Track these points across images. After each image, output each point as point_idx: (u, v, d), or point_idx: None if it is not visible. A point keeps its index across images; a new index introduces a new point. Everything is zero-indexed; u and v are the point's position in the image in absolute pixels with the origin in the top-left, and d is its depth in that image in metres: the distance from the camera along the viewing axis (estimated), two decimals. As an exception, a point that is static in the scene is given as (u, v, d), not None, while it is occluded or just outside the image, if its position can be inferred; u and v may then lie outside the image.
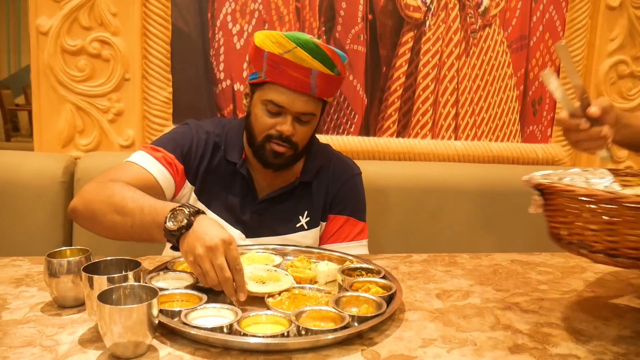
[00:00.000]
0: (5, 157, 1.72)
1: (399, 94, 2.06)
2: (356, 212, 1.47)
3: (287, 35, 1.25)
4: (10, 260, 1.21)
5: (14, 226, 1.64)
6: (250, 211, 1.40)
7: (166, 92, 1.91)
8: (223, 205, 1.39)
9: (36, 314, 0.94)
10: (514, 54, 2.13)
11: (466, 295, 1.12)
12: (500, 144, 2.16)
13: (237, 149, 1.40)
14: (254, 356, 0.82)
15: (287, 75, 1.26)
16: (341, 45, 1.99)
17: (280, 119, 1.30)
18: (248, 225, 1.39)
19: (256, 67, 1.31)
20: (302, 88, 1.27)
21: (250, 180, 1.40)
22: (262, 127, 1.32)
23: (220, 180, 1.40)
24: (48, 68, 1.81)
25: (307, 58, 1.24)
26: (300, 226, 1.43)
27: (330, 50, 1.26)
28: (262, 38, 1.28)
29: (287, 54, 1.24)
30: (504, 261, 1.38)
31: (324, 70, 1.26)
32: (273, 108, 1.29)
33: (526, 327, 0.97)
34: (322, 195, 1.45)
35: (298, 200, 1.43)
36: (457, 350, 0.88)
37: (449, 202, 1.92)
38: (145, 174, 1.27)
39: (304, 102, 1.29)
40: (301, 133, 1.33)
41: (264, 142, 1.32)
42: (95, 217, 1.18)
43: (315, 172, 1.45)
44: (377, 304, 0.96)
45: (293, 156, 1.35)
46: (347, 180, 1.48)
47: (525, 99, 2.17)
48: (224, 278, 0.97)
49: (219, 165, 1.40)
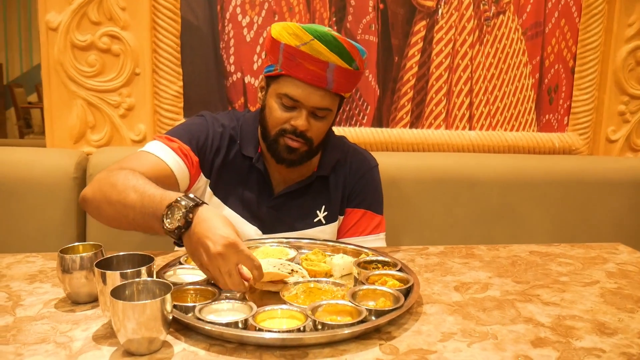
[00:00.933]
0: (18, 153, 1.72)
1: (411, 84, 2.03)
2: (373, 205, 1.45)
3: (304, 27, 1.22)
4: (24, 257, 1.21)
5: (28, 222, 1.64)
6: (267, 207, 1.38)
7: (177, 86, 1.90)
8: (239, 200, 1.37)
9: (50, 311, 0.93)
10: (529, 41, 2.08)
11: (485, 288, 1.10)
12: (516, 133, 2.12)
13: (253, 143, 1.38)
14: (270, 351, 0.81)
15: (303, 69, 1.22)
16: (352, 35, 1.97)
17: (295, 114, 1.27)
18: (265, 221, 1.37)
19: (272, 60, 1.28)
20: (318, 82, 1.23)
21: (266, 175, 1.37)
22: (277, 121, 1.29)
23: (236, 175, 1.37)
24: (58, 64, 1.81)
25: (324, 51, 1.20)
26: (318, 221, 1.40)
27: (348, 43, 1.22)
28: (278, 29, 1.25)
29: (303, 47, 1.21)
30: (523, 252, 1.35)
31: (342, 64, 1.22)
32: (288, 102, 1.26)
33: (548, 320, 0.95)
34: (339, 189, 1.42)
35: (315, 195, 1.41)
36: (477, 344, 0.85)
37: (464, 193, 1.89)
38: (160, 164, 1.23)
39: (319, 97, 1.25)
40: (316, 128, 1.30)
41: (278, 136, 1.29)
42: (100, 206, 1.13)
43: (332, 165, 1.42)
44: (395, 297, 0.94)
45: (307, 152, 1.32)
46: (365, 173, 1.45)
47: (540, 87, 2.13)
48: (233, 284, 0.92)
49: (235, 159, 1.37)
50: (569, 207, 1.96)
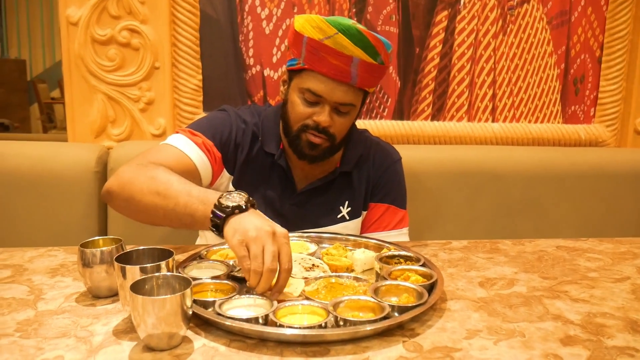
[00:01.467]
0: (41, 148, 1.74)
1: (433, 76, 1.99)
2: (397, 200, 1.42)
3: (328, 20, 1.18)
4: (46, 250, 1.21)
5: (50, 216, 1.65)
6: (290, 204, 1.36)
7: (196, 80, 1.89)
8: (262, 197, 1.35)
9: (71, 305, 0.93)
10: (554, 30, 2.03)
11: (511, 284, 1.07)
12: (540, 125, 2.07)
13: (275, 139, 1.35)
14: (291, 348, 0.79)
15: (326, 63, 1.19)
16: (373, 26, 1.94)
17: (317, 109, 1.24)
18: (288, 218, 1.34)
19: (295, 53, 1.25)
20: (341, 77, 1.20)
21: (288, 171, 1.35)
22: (299, 116, 1.26)
23: (259, 172, 1.35)
24: (79, 58, 1.81)
25: (349, 45, 1.17)
26: (341, 217, 1.38)
27: (373, 37, 1.18)
28: (302, 22, 1.21)
29: (327, 40, 1.18)
30: (549, 247, 1.32)
31: (366, 59, 1.19)
32: (310, 97, 1.23)
33: (578, 318, 0.92)
34: (363, 184, 1.40)
35: (338, 191, 1.39)
36: (504, 342, 0.83)
37: (487, 187, 1.86)
38: (184, 159, 1.22)
39: (343, 92, 1.22)
40: (339, 124, 1.27)
41: (300, 132, 1.27)
42: (133, 197, 1.12)
43: (355, 161, 1.39)
44: (418, 293, 0.92)
45: (330, 148, 1.29)
46: (388, 167, 1.43)
47: (566, 78, 2.07)
48: (270, 267, 0.89)
49: (257, 156, 1.35)
50: (596, 201, 1.91)
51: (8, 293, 0.97)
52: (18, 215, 1.64)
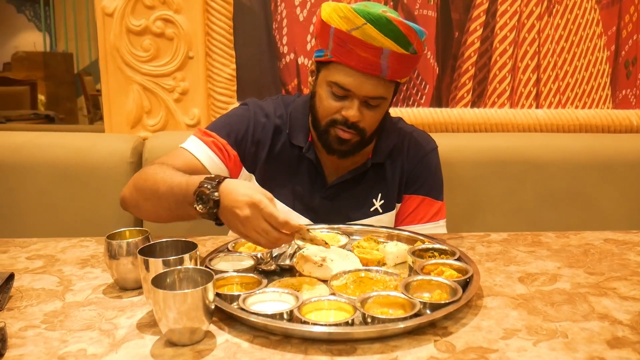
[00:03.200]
0: (78, 139, 1.76)
1: (473, 61, 1.91)
2: (432, 191, 1.36)
3: (356, 9, 1.11)
4: (79, 241, 1.22)
5: (86, 207, 1.67)
6: (320, 197, 1.32)
7: (230, 69, 1.87)
8: (290, 192, 1.32)
9: (98, 296, 0.93)
10: (604, 10, 1.91)
11: (553, 280, 1.00)
12: (588, 111, 1.96)
13: (303, 131, 1.31)
14: (316, 345, 0.76)
15: (355, 55, 1.13)
16: (410, 11, 1.87)
17: (346, 103, 1.19)
18: (318, 213, 1.31)
19: (322, 44, 1.19)
20: (371, 70, 1.14)
21: (318, 164, 1.31)
22: (327, 110, 1.21)
23: (286, 166, 1.32)
24: (115, 49, 1.82)
25: (378, 36, 1.10)
26: (374, 210, 1.34)
27: (405, 25, 1.11)
28: (329, 11, 1.16)
29: (355, 31, 1.11)
30: (596, 240, 1.24)
31: (397, 50, 1.12)
32: (339, 91, 1.18)
33: (627, 317, 0.85)
34: (397, 175, 1.35)
35: (371, 183, 1.34)
36: (544, 342, 0.77)
37: (531, 176, 1.77)
38: (192, 160, 1.23)
39: (373, 85, 1.16)
40: (369, 118, 1.21)
41: (328, 126, 1.22)
42: (138, 204, 1.17)
43: (388, 152, 1.34)
44: (452, 289, 0.87)
45: (360, 142, 1.24)
46: (423, 157, 1.37)
47: (617, 60, 1.95)
48: (274, 240, 0.94)
49: (283, 150, 1.32)
50: (649, 191, 1.80)
51: (39, 284, 0.98)
52: (55, 205, 1.66)
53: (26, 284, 0.98)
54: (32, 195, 1.66)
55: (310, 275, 0.97)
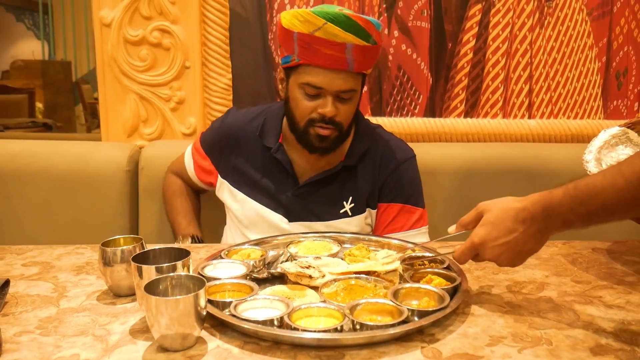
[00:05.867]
0: (75, 147, 1.77)
1: (466, 72, 1.94)
2: (411, 199, 1.39)
3: (314, 11, 1.19)
4: (74, 248, 1.23)
5: (82, 214, 1.68)
6: (292, 195, 1.37)
7: (226, 79, 1.90)
8: (262, 191, 1.38)
9: (92, 303, 0.94)
10: (595, 22, 1.94)
11: (541, 288, 1.02)
12: (580, 121, 1.99)
13: (275, 133, 1.38)
14: (305, 351, 0.78)
15: (321, 55, 1.20)
16: (403, 22, 1.90)
17: (320, 101, 1.25)
18: (289, 209, 1.37)
19: (288, 50, 1.25)
20: (338, 65, 1.21)
21: (288, 164, 1.36)
22: (303, 111, 1.27)
23: (259, 167, 1.39)
24: (112, 59, 1.84)
25: (340, 32, 1.18)
26: (344, 212, 1.37)
27: (362, 19, 1.19)
28: (289, 18, 1.22)
29: (318, 32, 1.19)
30: (584, 249, 1.26)
31: (360, 42, 1.20)
32: (311, 90, 1.24)
33: (611, 325, 0.87)
34: (368, 180, 1.38)
35: (342, 185, 1.38)
36: (529, 350, 0.79)
37: (523, 186, 1.78)
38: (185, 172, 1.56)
39: (342, 80, 1.23)
40: (344, 112, 1.27)
41: (307, 127, 1.28)
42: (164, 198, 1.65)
43: (360, 155, 1.38)
44: (440, 296, 0.89)
45: (339, 137, 1.30)
46: (398, 165, 1.39)
47: (608, 71, 1.98)
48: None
49: (256, 152, 1.40)
50: None
51: (34, 290, 1.00)
52: (52, 212, 1.67)
53: (21, 290, 0.99)
54: (29, 203, 1.67)
55: (300, 283, 0.99)
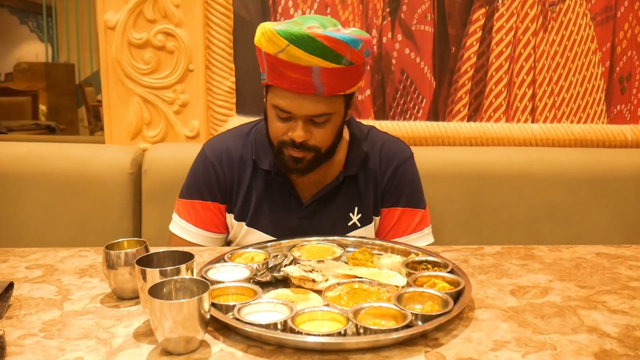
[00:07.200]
0: (79, 150, 1.78)
1: (469, 75, 1.94)
2: (412, 201, 1.35)
3: (278, 30, 1.08)
4: (78, 251, 1.23)
5: (86, 217, 1.69)
6: (298, 218, 1.31)
7: (229, 82, 1.90)
8: (268, 220, 1.31)
9: (95, 305, 0.94)
10: (599, 26, 1.94)
11: (544, 292, 1.02)
12: (583, 125, 1.99)
13: (268, 153, 1.29)
14: (309, 355, 0.78)
15: (286, 77, 1.11)
16: (407, 26, 1.90)
17: (291, 124, 1.17)
18: (298, 233, 1.27)
19: (261, 68, 1.18)
20: (305, 89, 1.11)
21: (289, 184, 1.30)
22: (275, 132, 1.20)
23: (258, 193, 1.31)
24: (116, 62, 1.85)
25: (303, 55, 1.07)
26: (352, 224, 1.33)
27: (331, 39, 1.07)
28: (258, 35, 1.13)
29: (281, 54, 1.08)
30: (588, 254, 1.25)
31: (328, 65, 1.08)
32: (281, 113, 1.17)
33: (615, 330, 0.87)
34: (370, 187, 1.33)
35: (346, 197, 1.32)
36: (533, 354, 0.79)
37: (526, 190, 1.79)
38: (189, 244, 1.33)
39: (312, 104, 1.13)
40: (319, 135, 1.18)
41: (281, 147, 1.21)
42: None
43: (359, 162, 1.32)
44: (443, 301, 0.89)
45: (316, 158, 1.21)
46: (397, 167, 1.34)
47: (611, 76, 1.98)
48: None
49: (254, 178, 1.31)
50: (643, 206, 1.81)
51: (37, 293, 1.00)
52: (55, 215, 1.68)
53: (25, 293, 0.99)
54: (32, 205, 1.68)
55: (303, 286, 0.99)
